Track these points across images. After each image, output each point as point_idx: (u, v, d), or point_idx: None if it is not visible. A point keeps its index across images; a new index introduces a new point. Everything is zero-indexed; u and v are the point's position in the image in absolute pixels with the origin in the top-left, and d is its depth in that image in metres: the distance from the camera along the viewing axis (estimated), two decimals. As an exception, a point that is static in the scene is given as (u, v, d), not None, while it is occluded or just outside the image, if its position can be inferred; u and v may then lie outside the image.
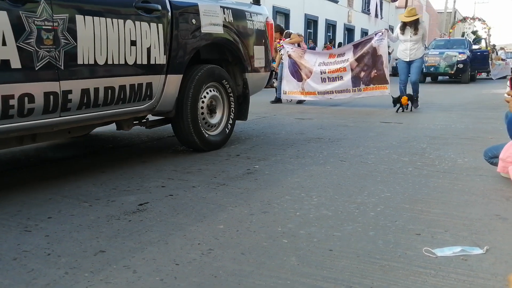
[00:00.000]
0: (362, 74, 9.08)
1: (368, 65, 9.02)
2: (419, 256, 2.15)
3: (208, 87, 4.60)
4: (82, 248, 2.25)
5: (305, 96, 9.90)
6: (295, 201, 3.01)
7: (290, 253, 2.19)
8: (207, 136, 4.57)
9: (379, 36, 8.97)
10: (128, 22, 3.65)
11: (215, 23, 4.51)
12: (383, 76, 8.96)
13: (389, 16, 36.91)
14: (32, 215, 2.71)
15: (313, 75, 9.62)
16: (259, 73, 5.34)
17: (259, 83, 5.47)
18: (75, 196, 3.10)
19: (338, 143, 5.15)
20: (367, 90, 9.11)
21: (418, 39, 8.89)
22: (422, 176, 3.67)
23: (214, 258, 2.13)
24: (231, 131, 4.96)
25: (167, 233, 2.45)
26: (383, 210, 2.83)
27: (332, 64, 9.42)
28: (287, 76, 10.05)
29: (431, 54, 19.31)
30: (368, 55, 8.99)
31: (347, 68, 9.19)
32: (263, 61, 5.38)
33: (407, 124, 6.70)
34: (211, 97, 4.65)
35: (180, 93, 4.27)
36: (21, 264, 2.06)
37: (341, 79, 9.30)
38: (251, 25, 5.10)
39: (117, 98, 3.65)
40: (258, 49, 5.23)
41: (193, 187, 3.32)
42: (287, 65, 10.05)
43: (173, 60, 4.12)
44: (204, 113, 4.55)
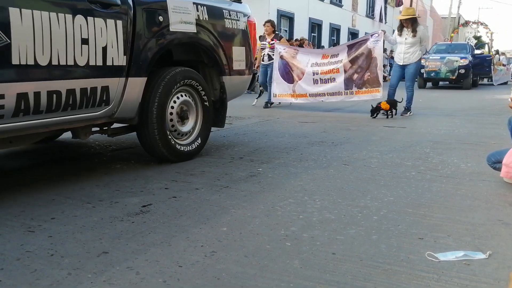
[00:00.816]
0: (355, 76, 8.76)
1: (362, 67, 8.70)
2: (422, 261, 2.15)
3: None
4: (85, 249, 2.25)
5: (295, 99, 9.58)
6: (298, 204, 3.01)
7: (293, 256, 2.19)
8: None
9: (375, 38, 8.63)
10: (78, 17, 3.22)
11: (187, 21, 4.12)
12: (376, 79, 8.64)
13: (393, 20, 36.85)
14: (35, 216, 2.72)
15: (305, 76, 9.28)
16: (239, 76, 4.96)
17: (239, 87, 5.12)
18: (78, 197, 3.11)
19: (341, 146, 5.15)
20: (359, 94, 8.79)
21: (415, 42, 8.35)
22: (425, 180, 3.67)
23: (217, 261, 2.13)
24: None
25: (170, 235, 2.45)
26: (386, 214, 2.83)
27: (325, 65, 9.09)
28: (277, 79, 9.69)
29: (432, 59, 18.79)
30: (362, 56, 8.67)
31: (340, 70, 8.87)
32: (244, 63, 4.98)
33: (410, 129, 6.69)
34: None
35: (145, 98, 3.89)
36: (24, 264, 2.07)
37: (333, 81, 9.00)
38: (230, 24, 4.71)
39: (64, 104, 3.22)
40: (238, 50, 4.86)
41: (196, 189, 3.33)
42: (278, 66, 9.69)
43: (136, 61, 3.71)
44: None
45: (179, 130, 4.25)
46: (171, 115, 4.14)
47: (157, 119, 3.93)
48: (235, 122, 7.33)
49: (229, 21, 4.69)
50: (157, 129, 3.93)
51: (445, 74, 18.20)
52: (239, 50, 4.87)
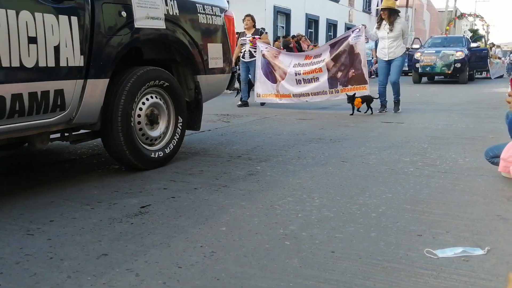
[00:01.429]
0: (339, 74, 8.45)
1: (345, 64, 8.39)
2: (420, 257, 2.16)
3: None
4: (85, 251, 2.25)
5: (279, 99, 9.22)
6: (297, 202, 3.01)
7: (292, 255, 2.20)
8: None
9: (356, 33, 8.34)
10: (24, 13, 2.87)
11: (155, 16, 3.80)
12: (361, 75, 8.32)
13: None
14: (34, 219, 2.72)
15: (287, 76, 8.97)
16: (216, 75, 4.65)
17: (216, 87, 4.82)
18: (77, 199, 3.11)
19: (339, 143, 5.16)
20: (345, 91, 8.36)
21: (397, 36, 8.03)
22: (424, 176, 3.67)
23: (217, 261, 2.14)
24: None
25: (170, 235, 2.45)
26: (385, 211, 2.84)
27: (308, 65, 8.79)
28: (261, 78, 9.36)
29: (427, 53, 18.37)
30: (345, 53, 8.36)
31: (323, 69, 8.55)
32: (221, 61, 4.67)
33: (408, 124, 6.70)
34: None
35: (108, 101, 3.57)
36: (23, 268, 2.07)
37: (317, 80, 8.68)
38: (205, 19, 4.38)
39: (9, 110, 2.89)
40: (214, 47, 4.54)
41: (195, 189, 3.33)
42: (261, 65, 9.33)
43: (95, 61, 3.39)
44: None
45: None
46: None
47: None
48: (233, 120, 7.34)
49: (203, 16, 4.36)
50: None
51: (441, 69, 17.82)
52: (215, 47, 4.58)
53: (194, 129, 4.60)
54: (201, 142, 5.31)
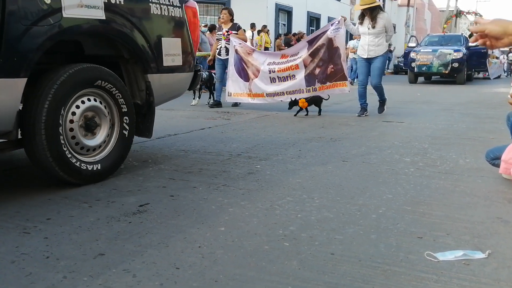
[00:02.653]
0: (317, 70, 7.77)
1: (323, 59, 7.71)
2: (421, 261, 2.14)
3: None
4: (81, 251, 2.23)
5: (252, 99, 8.44)
6: (297, 202, 2.99)
7: (291, 257, 2.17)
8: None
9: (335, 25, 7.65)
10: None
11: (91, 4, 3.23)
12: (340, 71, 7.71)
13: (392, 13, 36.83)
14: (31, 217, 2.69)
15: (260, 74, 8.20)
16: (172, 74, 4.11)
17: (173, 87, 4.26)
18: (75, 196, 3.09)
19: (340, 142, 5.13)
20: (323, 89, 7.83)
21: (379, 33, 7.35)
22: (424, 177, 3.65)
23: (215, 262, 2.11)
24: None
25: (168, 235, 2.43)
26: (385, 212, 2.81)
27: (283, 63, 8.08)
28: (233, 75, 8.59)
29: (423, 52, 17.49)
30: (323, 48, 7.68)
31: (300, 65, 7.85)
32: (180, 58, 4.11)
33: (409, 124, 6.67)
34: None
35: (28, 105, 3.05)
36: (19, 267, 2.04)
37: (293, 78, 7.95)
38: (158, 10, 3.84)
39: None
40: (170, 42, 3.99)
41: (194, 188, 3.30)
42: (233, 62, 8.58)
43: (7, 57, 2.81)
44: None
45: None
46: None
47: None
48: (233, 117, 7.31)
49: (156, 6, 3.82)
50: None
51: (437, 68, 17.08)
52: (172, 42, 4.03)
53: (145, 136, 4.02)
54: (201, 139, 5.28)
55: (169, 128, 6.10)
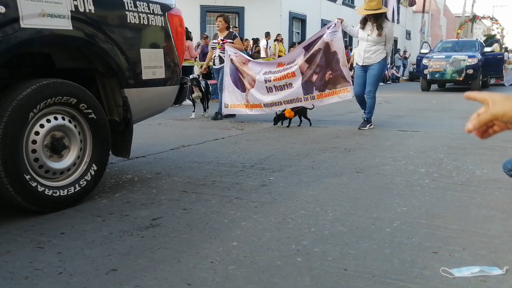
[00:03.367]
0: (314, 77, 7.41)
1: (320, 65, 7.33)
2: (436, 277, 2.10)
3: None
4: (94, 266, 2.23)
5: (250, 110, 8.10)
6: (310, 216, 2.97)
7: (304, 272, 2.15)
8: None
9: (332, 29, 7.25)
10: None
11: (55, 13, 2.94)
12: (340, 76, 7.30)
13: (407, 20, 36.68)
14: (45, 231, 2.70)
15: (256, 84, 7.87)
16: (154, 88, 3.78)
17: (155, 102, 3.93)
18: (89, 210, 3.10)
19: (354, 153, 5.10)
20: (323, 97, 7.47)
21: (379, 41, 6.92)
22: (439, 189, 3.60)
23: (227, 278, 2.10)
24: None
25: (180, 250, 2.42)
26: (400, 225, 2.78)
27: (280, 71, 7.72)
28: (229, 86, 8.23)
29: (436, 58, 16.71)
30: (319, 53, 7.29)
31: (296, 73, 7.48)
32: (162, 70, 3.81)
33: (424, 133, 6.61)
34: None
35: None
36: (32, 283, 2.05)
37: (290, 86, 7.60)
38: (136, 19, 3.53)
39: None
40: (150, 53, 3.70)
41: (207, 201, 3.30)
42: (229, 72, 8.23)
43: None
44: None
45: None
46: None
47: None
48: (247, 127, 7.30)
49: (134, 15, 3.51)
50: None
51: (451, 75, 16.21)
52: (153, 54, 3.73)
53: (123, 155, 3.69)
54: (214, 150, 5.29)
55: (183, 139, 6.12)
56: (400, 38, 35.48)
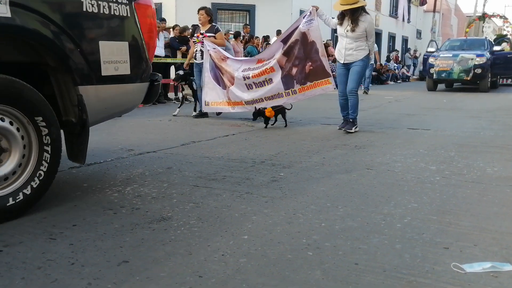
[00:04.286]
0: (294, 70, 6.96)
1: (299, 57, 6.90)
2: (447, 272, 2.10)
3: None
4: (106, 257, 2.25)
5: (232, 108, 7.69)
6: (321, 211, 2.97)
7: (315, 266, 2.16)
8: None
9: (307, 18, 6.80)
10: None
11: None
12: (321, 68, 6.84)
13: (417, 20, 36.48)
14: (57, 223, 2.73)
15: (235, 81, 7.47)
16: (117, 85, 3.39)
17: (118, 101, 3.53)
18: (100, 203, 3.12)
19: (364, 150, 5.09)
20: (305, 90, 7.02)
21: (359, 37, 6.41)
22: (450, 186, 3.59)
23: (238, 271, 2.11)
24: (45, 185, 2.97)
25: (191, 243, 2.43)
26: (410, 221, 2.77)
27: (259, 68, 7.29)
28: (209, 83, 7.82)
29: (443, 57, 16.05)
30: (297, 44, 6.85)
31: (275, 67, 7.03)
32: (127, 65, 3.42)
33: (435, 131, 6.58)
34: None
35: None
36: (45, 273, 2.07)
37: (270, 82, 7.15)
38: (95, 7, 3.13)
39: None
40: (112, 46, 3.29)
41: (217, 195, 3.31)
42: (209, 67, 7.80)
43: None
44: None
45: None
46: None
47: None
48: (257, 124, 7.30)
49: (90, 2, 3.09)
50: None
51: (458, 75, 15.59)
52: (114, 47, 3.31)
53: (78, 161, 3.28)
54: (225, 146, 5.30)
55: (194, 135, 6.14)
56: (410, 38, 35.32)
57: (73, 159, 3.29)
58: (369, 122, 7.68)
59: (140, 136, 6.15)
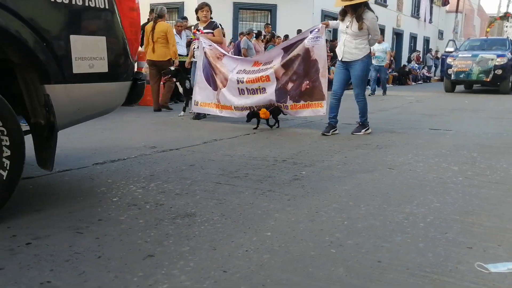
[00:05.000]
0: (289, 85, 6.69)
1: (298, 73, 6.61)
2: (471, 271, 2.10)
3: None
4: (131, 251, 2.28)
5: (220, 111, 7.39)
6: (343, 209, 2.98)
7: (338, 263, 2.17)
8: None
9: (314, 34, 6.51)
10: None
11: None
12: (318, 89, 6.57)
13: (439, 20, 36.14)
14: (83, 217, 2.78)
15: (228, 83, 7.14)
16: (91, 85, 3.07)
17: (93, 102, 3.19)
18: (125, 199, 3.16)
19: (386, 150, 5.08)
20: (296, 109, 6.78)
21: (360, 34, 6.11)
22: (473, 186, 3.57)
23: (262, 267, 2.13)
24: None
25: (215, 239, 2.46)
26: (433, 221, 2.77)
27: (254, 72, 6.98)
28: (201, 82, 7.53)
29: (462, 57, 15.50)
30: (298, 59, 6.59)
31: (271, 77, 6.73)
32: (105, 62, 3.10)
33: (457, 132, 6.53)
34: None
35: None
36: (73, 266, 2.11)
37: (263, 91, 6.85)
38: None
39: None
40: (86, 41, 2.96)
41: (240, 193, 3.33)
42: (202, 66, 7.51)
43: None
44: None
45: None
46: None
47: None
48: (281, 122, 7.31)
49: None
50: None
51: (477, 76, 15.04)
52: (88, 42, 2.99)
53: (45, 167, 2.99)
54: (246, 144, 5.33)
55: (215, 133, 6.18)
56: (432, 38, 35.01)
57: (41, 165, 3.00)
58: (391, 122, 7.65)
59: (162, 133, 6.22)
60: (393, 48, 27.71)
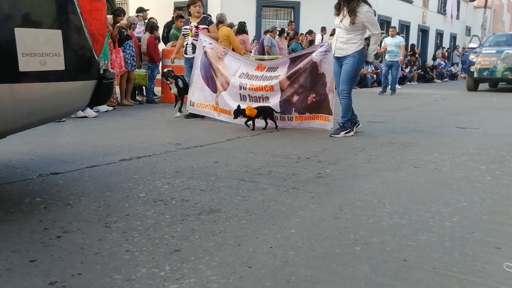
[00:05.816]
0: (295, 98, 6.45)
1: (304, 86, 6.39)
2: (499, 272, 2.07)
3: None
4: (158, 246, 2.32)
5: (218, 114, 7.05)
6: (367, 207, 2.97)
7: (362, 261, 2.17)
8: None
9: (324, 48, 6.33)
10: None
11: None
12: (325, 103, 6.35)
13: (467, 16, 35.62)
14: (111, 212, 2.82)
15: (230, 87, 6.81)
16: (44, 84, 2.70)
17: (47, 104, 2.80)
18: (151, 194, 3.20)
19: (411, 148, 5.04)
20: (301, 120, 6.53)
21: (353, 29, 5.77)
22: (502, 186, 3.52)
23: (286, 263, 2.14)
24: None
25: (240, 234, 2.48)
26: (460, 220, 2.74)
27: (258, 78, 6.67)
28: (198, 82, 7.22)
29: (485, 53, 14.62)
30: (305, 73, 6.36)
31: (275, 88, 6.48)
32: (61, 59, 2.70)
33: (484, 130, 6.45)
34: None
35: None
36: (102, 259, 2.15)
37: (266, 100, 6.57)
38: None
39: None
40: (35, 35, 2.58)
41: (264, 190, 3.35)
42: (200, 65, 7.20)
43: None
44: None
45: None
46: None
47: None
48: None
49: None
50: None
51: (502, 73, 14.18)
52: (40, 36, 2.61)
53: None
54: (269, 142, 5.34)
55: (238, 130, 6.20)
56: (459, 35, 34.54)
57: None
58: (416, 120, 7.58)
59: (186, 130, 6.27)
60: (418, 45, 27.41)
